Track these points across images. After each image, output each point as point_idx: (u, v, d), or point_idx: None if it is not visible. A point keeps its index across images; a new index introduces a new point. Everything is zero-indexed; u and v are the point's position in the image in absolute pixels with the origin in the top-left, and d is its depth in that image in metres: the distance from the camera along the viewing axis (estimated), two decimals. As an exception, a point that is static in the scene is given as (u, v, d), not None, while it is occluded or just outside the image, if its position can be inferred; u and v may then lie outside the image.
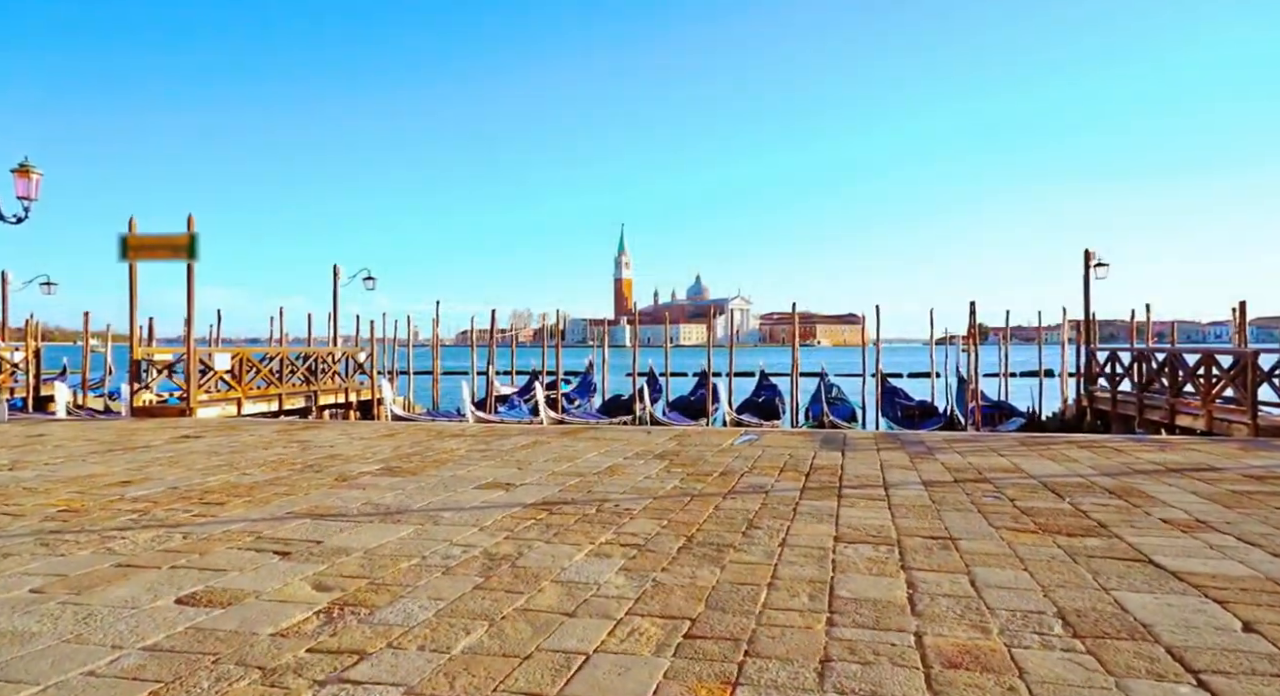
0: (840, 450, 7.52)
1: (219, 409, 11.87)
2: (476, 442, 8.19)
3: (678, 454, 7.26)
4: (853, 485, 5.55)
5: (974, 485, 5.51)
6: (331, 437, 8.65)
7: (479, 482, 5.67)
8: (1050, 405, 18.19)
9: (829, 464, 6.61)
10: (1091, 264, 13.35)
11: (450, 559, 3.59)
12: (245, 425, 9.90)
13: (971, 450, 7.44)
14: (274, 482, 5.67)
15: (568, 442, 8.15)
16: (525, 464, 6.63)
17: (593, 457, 7.02)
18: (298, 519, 4.43)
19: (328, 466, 6.48)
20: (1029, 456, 6.96)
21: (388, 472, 6.16)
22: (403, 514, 4.57)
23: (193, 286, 10.71)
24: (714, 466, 6.48)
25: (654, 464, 6.63)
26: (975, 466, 6.38)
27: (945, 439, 8.43)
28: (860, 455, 7.15)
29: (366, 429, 9.58)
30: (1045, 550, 3.71)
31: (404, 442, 8.19)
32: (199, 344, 11.97)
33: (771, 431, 9.27)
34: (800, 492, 5.26)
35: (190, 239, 10.48)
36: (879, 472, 6.12)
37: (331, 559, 3.58)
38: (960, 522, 4.31)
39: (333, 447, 7.76)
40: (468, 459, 6.93)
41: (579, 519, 4.44)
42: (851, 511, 4.64)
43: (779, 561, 3.54)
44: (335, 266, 16.30)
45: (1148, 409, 11.50)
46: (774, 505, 4.84)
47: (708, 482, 5.68)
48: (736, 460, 6.85)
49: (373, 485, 5.55)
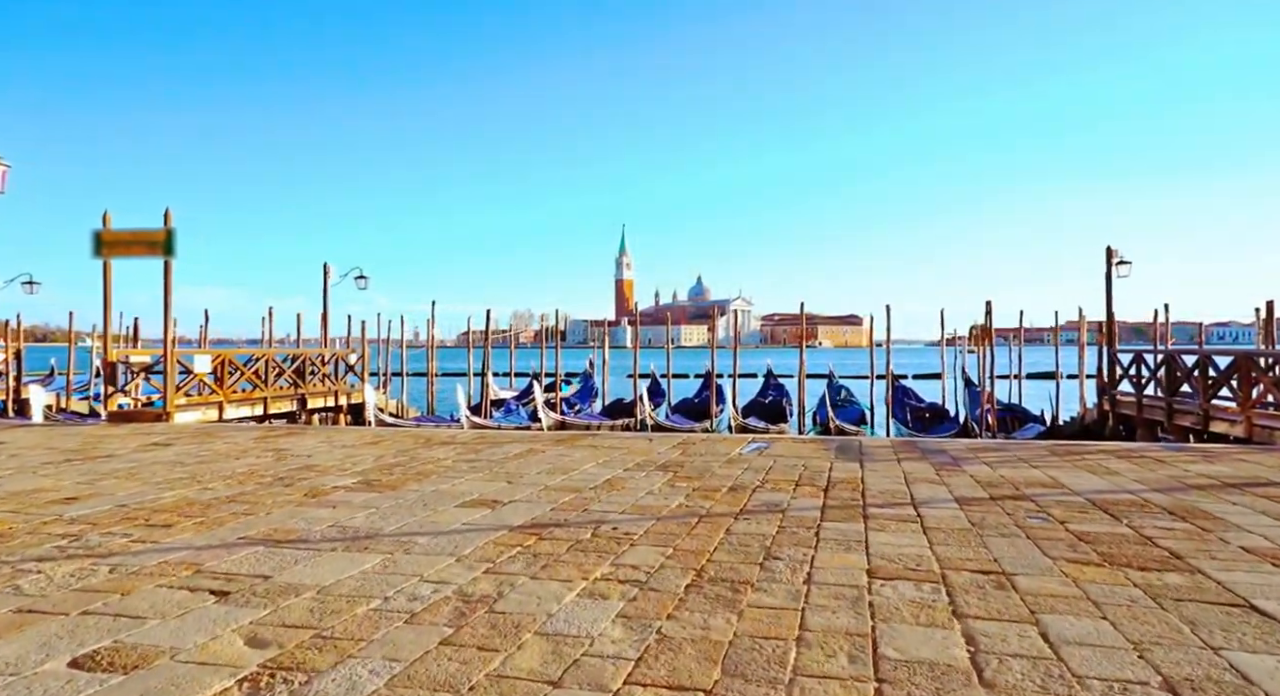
0: (858, 460, 6.96)
1: (199, 413, 11.32)
2: (466, 451, 7.64)
3: (682, 465, 6.70)
4: (878, 503, 4.99)
5: (1013, 503, 4.94)
6: (311, 445, 8.09)
7: (463, 499, 5.12)
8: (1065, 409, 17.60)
9: (848, 477, 6.05)
10: (1114, 262, 12.78)
11: (417, 601, 3.04)
12: (223, 431, 9.35)
13: (1000, 461, 6.88)
14: (236, 499, 5.11)
15: (563, 451, 7.59)
16: (516, 477, 6.07)
17: (590, 469, 6.47)
18: (251, 546, 3.88)
19: (300, 479, 5.93)
20: (1064, 468, 6.40)
21: (364, 486, 5.61)
22: (372, 539, 4.02)
23: (170, 284, 10.17)
24: (722, 480, 5.92)
25: (656, 477, 6.07)
26: (1009, 480, 5.81)
27: (969, 447, 7.86)
28: (880, 466, 6.59)
29: (351, 435, 9.03)
30: (1120, 590, 3.14)
31: (388, 451, 7.63)
32: (186, 345, 11.44)
33: (782, 439, 8.72)
34: (821, 512, 4.70)
35: (167, 234, 9.94)
36: (904, 487, 5.56)
37: (277, 600, 3.03)
38: (1009, 551, 3.75)
39: (310, 457, 7.21)
40: (454, 471, 6.38)
41: (571, 546, 3.89)
42: (882, 536, 4.08)
43: (806, 605, 2.98)
44: (325, 265, 15.76)
45: (1178, 414, 10.93)
46: (793, 528, 4.28)
47: (716, 500, 5.12)
48: (746, 472, 6.30)
49: (345, 502, 5.00)
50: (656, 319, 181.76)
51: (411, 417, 16.59)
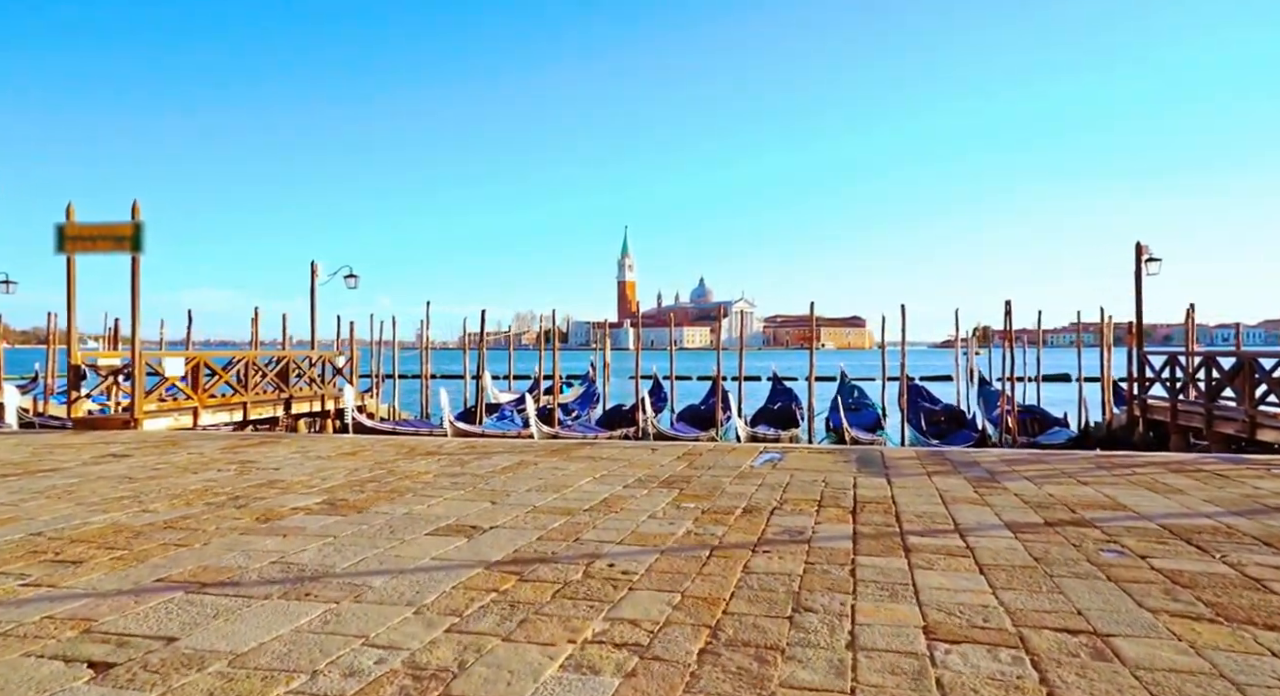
0: (884, 475, 6.27)
1: (171, 420, 10.66)
2: (451, 464, 6.96)
3: (688, 481, 6.01)
4: (918, 530, 4.30)
5: (1076, 531, 4.25)
6: (282, 456, 7.42)
7: (437, 525, 4.44)
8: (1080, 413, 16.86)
9: (876, 495, 5.36)
10: (1143, 259, 12.07)
11: (354, 677, 2.36)
12: (191, 440, 8.68)
13: (1043, 476, 6.19)
14: (174, 524, 4.43)
15: (558, 464, 6.91)
16: (502, 495, 5.39)
17: (586, 485, 5.78)
18: (168, 590, 3.20)
19: (257, 498, 5.25)
20: (1119, 485, 5.70)
21: (328, 507, 4.93)
22: (318, 581, 3.33)
23: (138, 281, 9.51)
24: (734, 499, 5.24)
25: (660, 495, 5.38)
26: (1060, 500, 5.12)
27: (1003, 459, 7.17)
28: (910, 482, 5.90)
29: (328, 445, 8.35)
30: (1260, 663, 2.46)
31: (365, 463, 6.96)
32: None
33: (796, 449, 8.03)
34: (853, 543, 4.02)
35: (135, 229, 9.28)
36: (943, 509, 4.87)
37: (171, 678, 2.35)
38: (1093, 599, 3.06)
39: (277, 470, 6.53)
40: (433, 487, 5.70)
41: (558, 591, 3.20)
42: (932, 577, 3.39)
43: (856, 684, 2.30)
44: (313, 263, 15.08)
45: (1218, 420, 10.23)
46: (822, 565, 3.59)
47: (730, 525, 4.44)
48: (761, 489, 5.61)
49: (299, 529, 4.32)
50: (659, 320, 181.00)
51: (405, 421, 15.91)
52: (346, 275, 15.64)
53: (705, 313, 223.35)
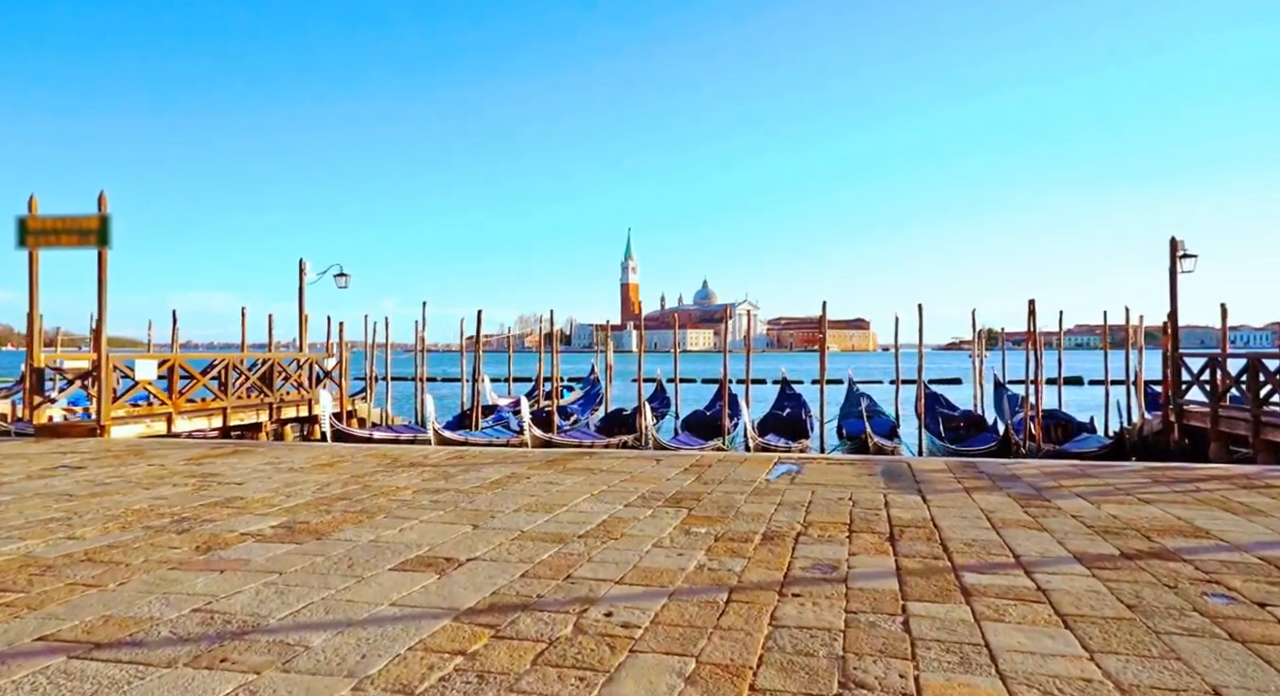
0: (916, 491, 5.60)
1: (142, 426, 10.02)
2: (434, 477, 6.31)
3: (698, 498, 5.35)
4: (972, 564, 3.63)
5: (1161, 566, 3.58)
6: (251, 468, 6.77)
7: (406, 556, 3.78)
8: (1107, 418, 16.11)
9: (913, 517, 4.70)
10: (1178, 255, 11.38)
11: (246, 803, 1.69)
12: (157, 449, 8.03)
13: (1095, 492, 5.52)
14: (97, 556, 3.78)
15: (552, 478, 6.25)
16: (486, 517, 4.73)
17: (582, 504, 5.12)
18: (49, 654, 2.54)
19: (206, 520, 4.60)
20: (1187, 504, 5.03)
21: (284, 533, 4.27)
22: (243, 639, 2.68)
23: (104, 278, 8.87)
24: (751, 522, 4.57)
25: (666, 516, 4.72)
26: (1128, 523, 4.45)
27: (1043, 472, 6.49)
28: (947, 500, 5.23)
29: (304, 455, 7.70)
30: None
31: (340, 477, 6.30)
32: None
33: (814, 459, 7.37)
34: (898, 582, 3.35)
35: (101, 222, 8.65)
36: (994, 535, 4.20)
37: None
38: (1226, 671, 2.40)
39: (240, 485, 5.88)
40: (410, 507, 5.04)
41: (541, 654, 2.54)
42: (1006, 633, 2.72)
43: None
44: (300, 261, 14.43)
45: (1267, 428, 9.54)
46: (867, 615, 2.93)
47: (749, 556, 3.77)
48: (780, 509, 4.94)
49: (241, 562, 3.66)
50: (662, 323, 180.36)
51: (398, 426, 15.22)
52: (336, 274, 14.97)
53: (709, 315, 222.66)
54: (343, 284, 15.03)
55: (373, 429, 13.99)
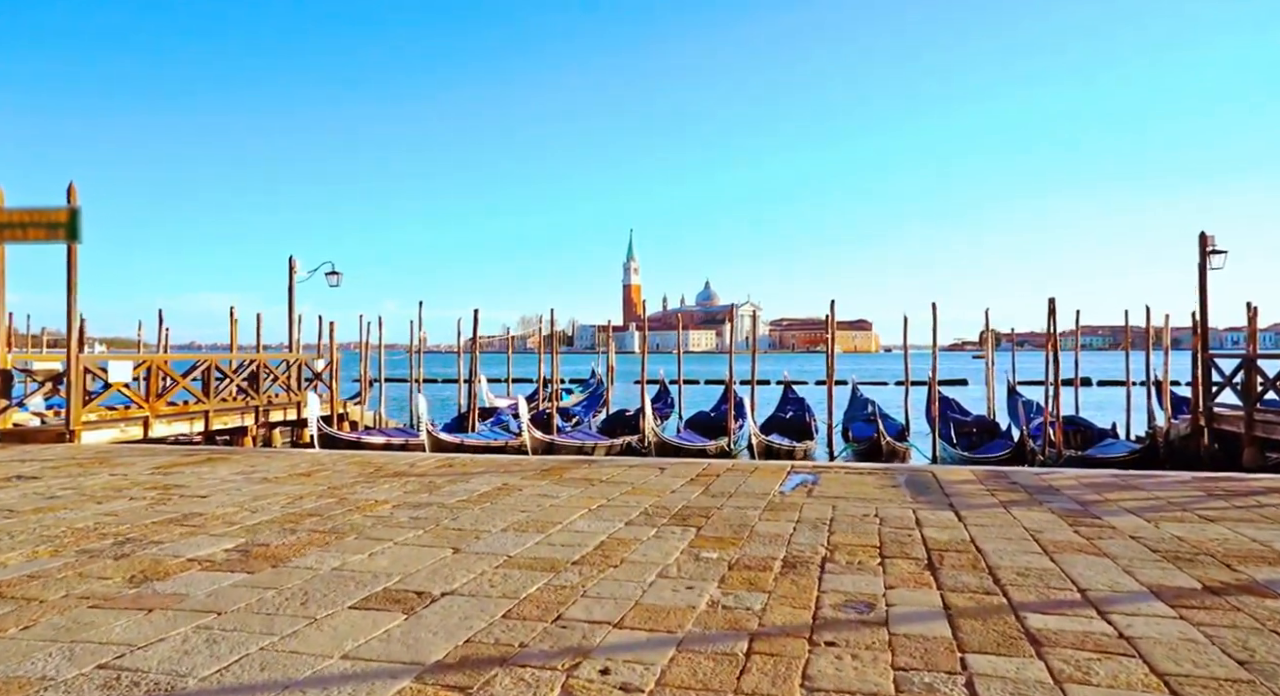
0: (948, 506, 5.07)
1: (116, 431, 9.50)
2: (418, 489, 5.78)
3: (707, 514, 4.82)
4: (1032, 601, 3.09)
5: (1255, 603, 3.05)
6: (222, 478, 6.25)
7: (372, 589, 3.26)
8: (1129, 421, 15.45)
9: (950, 538, 4.16)
10: (1207, 250, 10.82)
11: None
12: (126, 456, 7.52)
13: (1147, 507, 4.98)
14: (9, 589, 3.26)
15: (547, 490, 5.72)
16: (470, 537, 4.20)
17: (579, 522, 4.60)
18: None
19: (153, 542, 4.07)
20: (1256, 522, 4.49)
21: (238, 558, 3.75)
22: (148, 708, 2.15)
23: (74, 274, 8.36)
24: (769, 544, 4.04)
25: (672, 537, 4.19)
26: (1199, 547, 3.91)
27: (1081, 482, 5.95)
28: (985, 517, 4.70)
29: (283, 463, 7.18)
30: None
31: (316, 488, 5.78)
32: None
33: (830, 469, 6.83)
34: (949, 623, 2.82)
35: (70, 214, 8.14)
36: (1049, 561, 3.67)
37: None
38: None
39: (204, 498, 5.36)
40: (385, 525, 4.51)
41: (518, 734, 2.01)
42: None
43: None
44: (290, 259, 13.88)
45: (1310, 433, 9.00)
46: (920, 672, 2.40)
47: (770, 591, 3.24)
48: (800, 528, 4.41)
49: (177, 598, 3.14)
50: (665, 324, 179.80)
51: (392, 430, 14.69)
52: (328, 272, 14.45)
53: (711, 316, 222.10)
54: (334, 282, 14.52)
55: (364, 432, 13.45)
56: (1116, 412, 18.71)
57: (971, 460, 11.79)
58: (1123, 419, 16.82)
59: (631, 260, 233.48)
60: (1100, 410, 18.22)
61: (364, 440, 12.67)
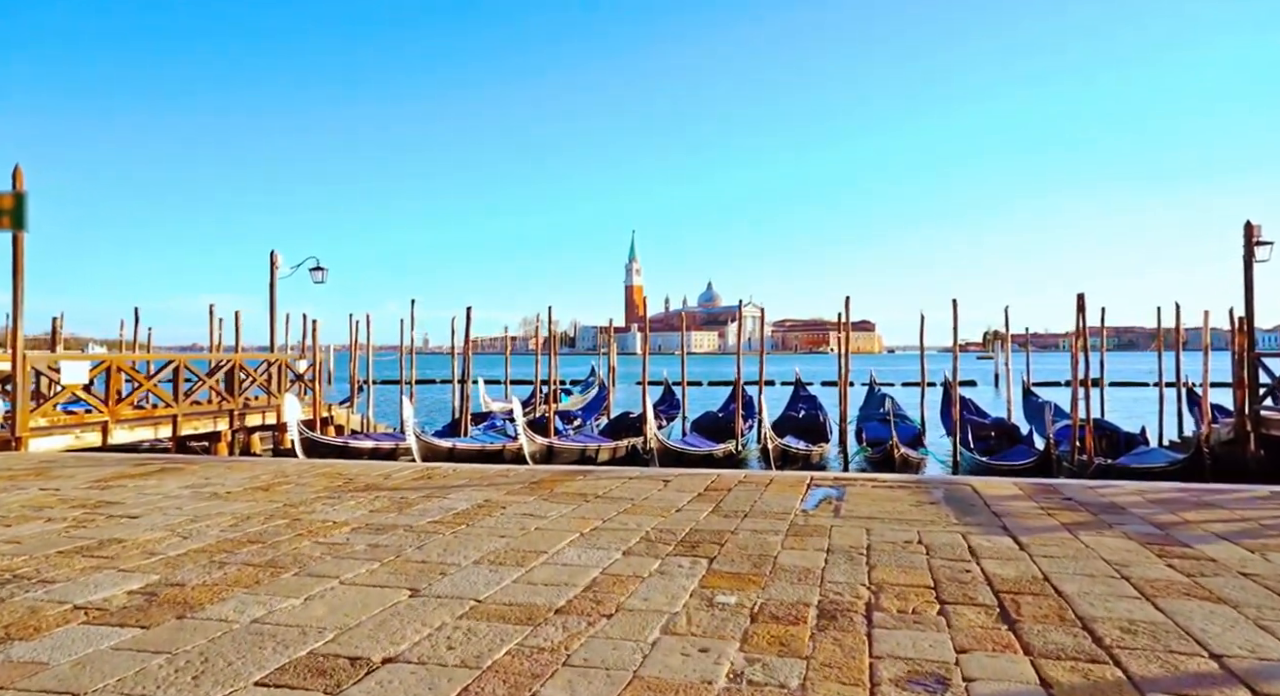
0: (1001, 528, 4.32)
1: (70, 437, 8.77)
2: (386, 507, 5.04)
3: (720, 539, 4.08)
4: (1159, 677, 2.34)
5: None
6: (166, 493, 5.52)
7: (292, 654, 2.52)
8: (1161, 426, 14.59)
9: (1018, 574, 3.42)
10: (1253, 241, 10.07)
11: None
12: (69, 467, 6.79)
13: (1237, 530, 4.23)
14: None
15: (534, 508, 4.98)
16: (434, 574, 3.46)
17: (567, 552, 3.86)
18: None
19: (44, 581, 3.34)
20: (1383, 554, 3.73)
21: (137, 607, 3.01)
22: None
23: (21, 264, 7.63)
24: (797, 582, 3.30)
25: (679, 573, 3.45)
26: (1332, 589, 3.16)
27: (1147, 498, 5.20)
28: (1049, 543, 3.95)
29: (241, 475, 6.44)
30: None
31: (269, 507, 5.04)
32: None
33: (855, 481, 6.08)
34: (1061, 715, 2.07)
35: (16, 200, 7.43)
36: (1153, 610, 2.92)
37: None
38: None
39: (134, 520, 4.62)
40: (337, 557, 3.77)
41: None
42: None
43: None
44: (272, 254, 13.13)
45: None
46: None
47: (806, 653, 2.50)
48: (834, 561, 3.67)
49: (29, 671, 2.40)
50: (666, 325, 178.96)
51: (381, 434, 13.92)
52: (312, 268, 13.68)
53: (713, 317, 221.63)
54: (319, 278, 13.77)
55: (351, 437, 12.69)
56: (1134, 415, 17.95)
57: (994, 468, 11.02)
58: (1152, 423, 16.03)
59: (633, 261, 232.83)
60: (1112, 413, 17.35)
61: (349, 445, 11.94)
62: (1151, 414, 16.10)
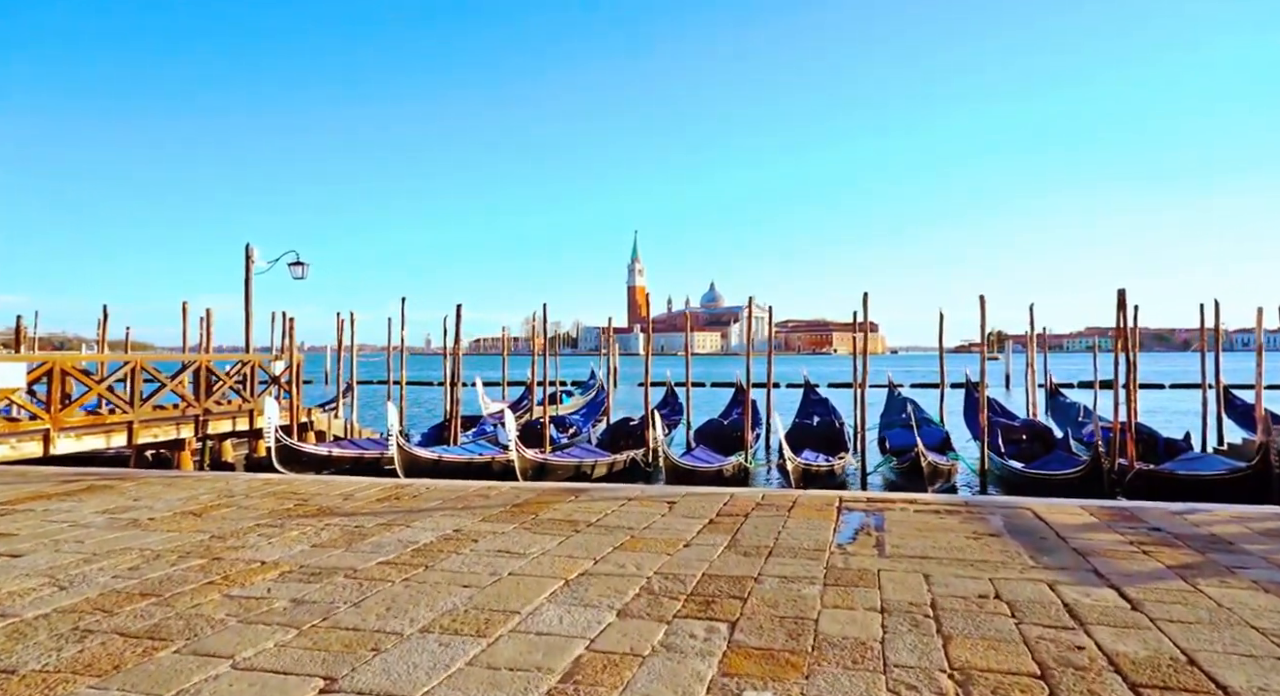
0: (1093, 573, 3.44)
1: (7, 447, 7.87)
2: (334, 540, 4.16)
3: (741, 591, 3.20)
4: None
5: None
6: (77, 519, 4.64)
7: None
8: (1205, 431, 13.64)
9: (1147, 652, 2.54)
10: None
11: None
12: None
13: (1400, 581, 3.33)
14: None
15: (511, 541, 4.10)
16: (364, 648, 2.59)
17: (545, 611, 2.98)
18: None
19: None
20: None
21: (-66, 709, 2.14)
22: None
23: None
24: (849, 662, 2.42)
25: (690, 647, 2.58)
26: None
27: (1248, 526, 4.30)
28: (1169, 601, 3.06)
29: (178, 495, 5.56)
30: None
31: (189, 541, 4.16)
32: None
33: (892, 503, 5.18)
34: None
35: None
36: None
37: None
38: None
39: (13, 560, 3.74)
40: (244, 620, 2.90)
41: None
42: None
43: None
44: (247, 247, 12.21)
45: None
46: None
47: None
48: (893, 627, 2.79)
49: None
50: (669, 325, 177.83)
51: (367, 439, 13.01)
52: (291, 262, 12.72)
53: (716, 317, 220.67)
54: (299, 273, 12.85)
55: (333, 444, 11.76)
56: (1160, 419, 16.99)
57: (1035, 479, 10.04)
58: (1177, 426, 15.11)
59: (636, 261, 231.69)
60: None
61: (333, 455, 11.06)
62: (1178, 416, 15.20)
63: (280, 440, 10.05)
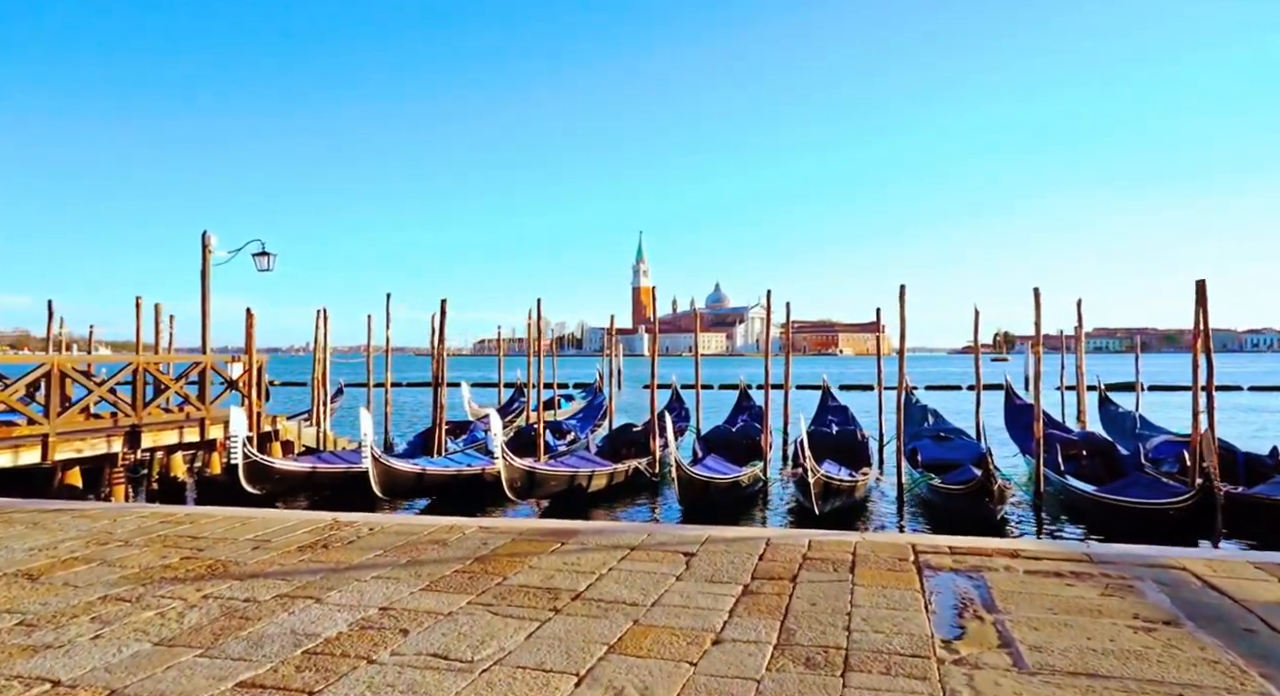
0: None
1: None
2: (198, 627, 2.83)
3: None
4: None
5: None
6: None
7: None
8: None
9: None
10: None
11: None
12: None
13: None
14: None
15: (458, 633, 2.76)
16: None
17: None
18: None
19: None
20: None
21: None
22: None
23: None
24: None
25: None
26: None
27: None
28: None
29: (38, 540, 4.24)
30: None
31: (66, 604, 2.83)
32: None
33: (991, 559, 3.82)
34: None
35: None
36: None
37: None
38: None
39: None
40: None
41: None
42: None
43: None
44: (204, 235, 10.80)
45: None
46: None
47: None
48: None
49: None
50: (674, 326, 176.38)
51: (347, 451, 11.60)
52: (256, 253, 11.34)
53: (721, 318, 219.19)
54: (264, 265, 11.53)
55: (310, 458, 10.34)
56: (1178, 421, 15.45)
57: (1115, 507, 8.36)
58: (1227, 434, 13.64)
59: (641, 262, 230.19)
60: (1166, 423, 14.84)
61: (317, 470, 9.74)
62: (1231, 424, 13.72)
63: (249, 456, 8.72)
